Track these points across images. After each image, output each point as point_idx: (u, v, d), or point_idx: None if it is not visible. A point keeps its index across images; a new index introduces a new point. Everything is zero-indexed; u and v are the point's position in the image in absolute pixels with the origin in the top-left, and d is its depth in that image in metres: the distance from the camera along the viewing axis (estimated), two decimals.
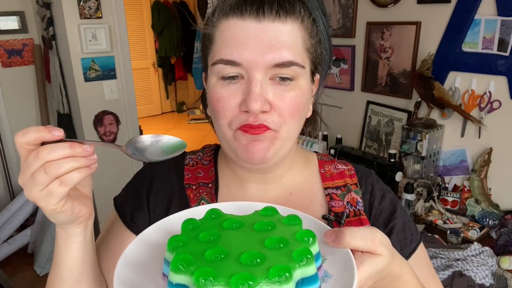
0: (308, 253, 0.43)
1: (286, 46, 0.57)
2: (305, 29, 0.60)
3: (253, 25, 0.57)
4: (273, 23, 0.57)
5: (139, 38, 6.14)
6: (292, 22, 0.58)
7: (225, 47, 0.58)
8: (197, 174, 0.74)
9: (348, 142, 2.76)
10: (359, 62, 2.60)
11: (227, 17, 0.58)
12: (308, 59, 0.61)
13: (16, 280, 2.70)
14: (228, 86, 0.59)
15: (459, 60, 2.11)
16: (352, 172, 0.74)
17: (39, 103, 3.14)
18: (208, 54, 0.62)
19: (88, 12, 2.65)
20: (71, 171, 0.47)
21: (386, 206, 0.71)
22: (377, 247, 0.48)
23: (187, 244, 0.45)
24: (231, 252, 0.43)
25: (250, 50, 0.56)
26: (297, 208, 0.69)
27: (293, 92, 0.59)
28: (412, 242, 0.69)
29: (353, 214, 0.69)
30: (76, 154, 0.47)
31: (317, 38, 0.62)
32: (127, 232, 0.70)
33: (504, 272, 1.71)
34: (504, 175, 2.06)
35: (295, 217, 0.50)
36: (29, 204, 2.97)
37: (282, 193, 0.71)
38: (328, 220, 0.68)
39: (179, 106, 6.92)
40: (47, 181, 0.46)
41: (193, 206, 0.70)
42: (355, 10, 2.53)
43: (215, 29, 0.60)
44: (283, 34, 0.57)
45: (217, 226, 0.49)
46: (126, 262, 0.49)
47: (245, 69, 0.57)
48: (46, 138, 0.47)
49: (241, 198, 0.71)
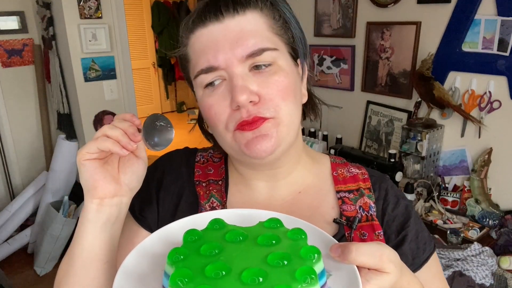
0: (312, 272, 0.41)
1: (252, 35, 0.58)
2: (266, 16, 0.61)
3: (216, 27, 0.59)
4: (233, 19, 0.59)
5: (139, 38, 6.14)
6: (251, 12, 0.60)
7: (199, 58, 0.60)
8: (207, 171, 0.74)
9: (348, 142, 2.76)
10: (359, 62, 2.60)
11: (193, 32, 0.61)
12: (280, 41, 0.62)
13: (16, 280, 2.70)
14: (214, 92, 0.60)
15: (459, 60, 2.11)
16: (365, 176, 0.73)
17: (39, 103, 3.14)
18: (189, 71, 0.65)
19: (88, 12, 2.65)
20: (115, 141, 0.55)
21: (399, 213, 0.69)
22: (384, 265, 0.46)
23: (188, 257, 0.44)
24: (233, 268, 0.42)
25: (221, 50, 0.58)
26: (306, 209, 0.69)
27: (276, 75, 0.59)
28: (425, 252, 0.68)
29: (365, 219, 0.68)
30: (129, 134, 0.56)
31: (281, 20, 0.63)
32: (136, 225, 0.71)
33: (504, 272, 1.71)
34: (504, 175, 2.06)
35: (300, 231, 0.48)
36: (29, 204, 2.97)
37: (291, 191, 0.70)
38: (340, 224, 0.67)
39: (179, 106, 6.92)
40: (99, 134, 0.56)
41: (203, 203, 0.70)
42: (355, 10, 2.53)
43: (187, 47, 0.63)
44: (246, 25, 0.59)
45: (219, 238, 0.47)
46: (125, 273, 0.48)
47: (223, 70, 0.58)
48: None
49: (250, 197, 0.70)
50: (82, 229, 0.58)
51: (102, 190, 0.57)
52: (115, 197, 0.58)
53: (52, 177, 2.88)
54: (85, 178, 0.57)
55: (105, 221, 0.58)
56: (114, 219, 0.59)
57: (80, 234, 0.58)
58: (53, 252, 2.76)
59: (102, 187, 0.57)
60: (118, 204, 0.59)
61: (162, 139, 0.58)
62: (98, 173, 0.57)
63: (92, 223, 0.58)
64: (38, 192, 2.99)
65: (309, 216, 0.68)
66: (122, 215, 0.61)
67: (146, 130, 0.57)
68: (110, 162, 0.59)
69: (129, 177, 0.59)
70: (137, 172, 0.60)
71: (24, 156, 3.19)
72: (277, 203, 0.69)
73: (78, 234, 0.59)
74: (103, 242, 0.59)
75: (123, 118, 0.59)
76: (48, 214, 2.78)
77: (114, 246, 0.61)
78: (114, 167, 0.59)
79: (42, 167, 3.26)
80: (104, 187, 0.57)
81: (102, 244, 0.59)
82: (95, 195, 0.57)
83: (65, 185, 2.93)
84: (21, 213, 2.93)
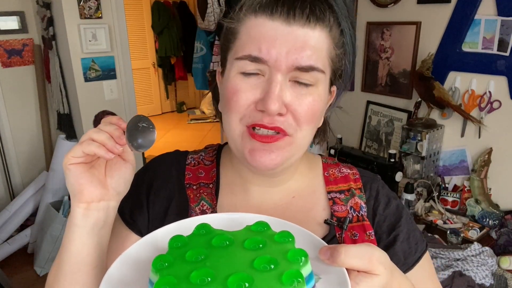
0: (299, 276, 0.40)
1: (311, 51, 0.56)
2: (332, 38, 0.59)
3: (282, 27, 0.56)
4: (302, 28, 0.56)
5: (139, 38, 6.13)
6: (320, 29, 0.57)
7: (252, 44, 0.57)
8: (198, 174, 0.73)
9: (348, 142, 2.76)
10: (359, 62, 2.59)
11: (256, 15, 0.57)
12: (329, 67, 0.60)
13: (16, 280, 2.70)
14: (247, 81, 0.58)
15: (459, 60, 2.11)
16: (357, 176, 0.73)
17: (39, 103, 3.14)
18: (230, 48, 0.61)
19: (88, 12, 2.65)
20: (100, 144, 0.55)
21: (390, 213, 0.69)
22: (374, 267, 0.45)
23: (173, 264, 0.43)
24: (218, 274, 0.41)
25: (277, 48, 0.55)
26: (299, 212, 0.68)
27: (311, 97, 0.58)
28: (416, 251, 0.67)
29: (356, 219, 0.68)
30: (114, 137, 0.56)
31: (342, 49, 0.61)
32: (126, 230, 0.70)
33: (504, 272, 1.71)
34: (504, 175, 2.06)
35: (288, 234, 0.48)
36: (29, 204, 2.97)
37: (284, 196, 0.70)
38: (330, 225, 0.67)
39: (179, 106, 6.92)
40: (84, 138, 0.56)
41: (193, 206, 0.69)
42: (355, 10, 2.53)
43: (240, 24, 0.59)
44: (310, 39, 0.56)
45: (205, 243, 0.47)
46: (110, 282, 0.47)
47: (268, 67, 0.56)
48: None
49: (242, 199, 0.70)
50: (70, 234, 0.58)
51: (88, 194, 0.56)
52: (102, 201, 0.57)
53: (52, 177, 2.88)
54: (71, 182, 0.56)
55: (92, 226, 0.57)
56: (102, 223, 0.58)
57: (68, 239, 0.58)
58: (53, 252, 2.76)
59: (88, 191, 0.56)
60: (105, 208, 0.58)
61: (145, 140, 0.57)
62: (84, 177, 0.56)
63: (79, 227, 0.57)
64: (38, 192, 2.99)
65: (301, 219, 0.68)
66: (109, 219, 0.60)
67: (129, 132, 0.56)
68: (97, 166, 0.58)
69: (116, 180, 0.59)
70: (124, 176, 0.60)
71: (24, 156, 3.19)
72: (269, 207, 0.69)
73: (65, 239, 0.58)
74: (91, 247, 0.58)
75: (109, 121, 0.59)
76: (48, 214, 2.78)
77: (103, 251, 0.61)
78: (101, 171, 0.59)
79: (42, 167, 3.26)
80: (90, 191, 0.56)
81: (90, 249, 0.58)
82: (81, 199, 0.56)
83: (65, 185, 2.91)
84: (21, 213, 2.93)
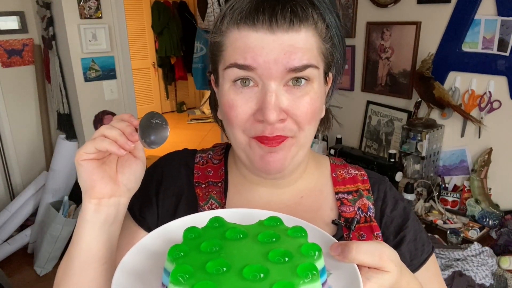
0: (313, 268, 0.41)
1: (301, 52, 0.56)
2: (319, 35, 0.59)
3: (267, 37, 0.55)
4: (286, 33, 0.55)
5: (139, 38, 6.13)
6: (306, 29, 0.57)
7: (238, 54, 0.57)
8: (206, 172, 0.73)
9: (348, 142, 2.76)
10: (359, 62, 2.60)
11: (238, 27, 0.57)
12: (322, 61, 0.61)
13: (16, 280, 2.70)
14: (242, 92, 0.58)
15: (459, 60, 2.11)
16: (364, 177, 0.73)
17: (39, 103, 3.14)
18: (219, 60, 0.61)
19: (88, 12, 2.65)
20: (112, 141, 0.55)
21: (398, 214, 0.69)
22: (385, 263, 0.46)
23: (188, 254, 0.44)
24: (234, 264, 0.41)
25: (263, 56, 0.55)
26: (306, 212, 0.69)
27: (308, 97, 0.58)
28: (423, 253, 0.68)
29: (363, 220, 0.68)
30: (126, 133, 0.56)
31: (331, 43, 0.61)
32: (135, 226, 0.71)
33: (504, 272, 1.71)
34: (504, 175, 2.06)
35: (301, 229, 0.48)
36: (29, 204, 2.97)
37: (293, 196, 0.70)
38: (338, 225, 0.67)
39: (179, 106, 6.92)
40: (97, 134, 0.56)
41: (202, 204, 0.70)
42: (355, 10, 2.53)
43: (224, 38, 0.59)
44: (297, 42, 0.56)
45: (219, 235, 0.47)
46: (124, 270, 0.47)
47: (258, 76, 0.56)
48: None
49: (250, 199, 0.70)
50: (80, 230, 0.58)
51: (99, 190, 0.57)
52: (113, 197, 0.58)
53: (52, 177, 2.88)
54: (83, 178, 0.57)
55: (103, 222, 0.58)
56: (112, 219, 0.59)
57: (78, 234, 0.58)
58: (53, 252, 2.76)
59: (100, 187, 0.57)
60: (116, 204, 0.59)
61: (157, 137, 0.57)
62: (96, 173, 0.57)
63: (90, 223, 0.57)
64: (38, 192, 2.99)
65: (309, 218, 0.67)
66: (120, 215, 0.60)
67: (142, 128, 0.57)
68: (108, 163, 0.59)
69: (127, 177, 0.59)
70: (135, 173, 0.60)
71: (24, 156, 3.19)
72: (277, 207, 0.69)
73: (76, 235, 0.59)
74: (101, 242, 0.58)
75: (121, 118, 0.59)
76: (48, 214, 2.78)
77: (113, 247, 0.61)
78: (112, 167, 0.59)
79: (42, 167, 3.26)
80: (102, 187, 0.57)
81: (100, 244, 0.58)
82: (93, 195, 0.57)
83: (65, 185, 2.93)
84: (21, 213, 2.93)
